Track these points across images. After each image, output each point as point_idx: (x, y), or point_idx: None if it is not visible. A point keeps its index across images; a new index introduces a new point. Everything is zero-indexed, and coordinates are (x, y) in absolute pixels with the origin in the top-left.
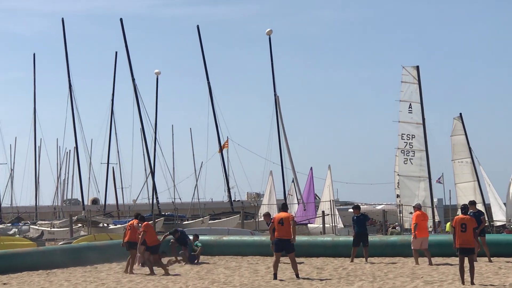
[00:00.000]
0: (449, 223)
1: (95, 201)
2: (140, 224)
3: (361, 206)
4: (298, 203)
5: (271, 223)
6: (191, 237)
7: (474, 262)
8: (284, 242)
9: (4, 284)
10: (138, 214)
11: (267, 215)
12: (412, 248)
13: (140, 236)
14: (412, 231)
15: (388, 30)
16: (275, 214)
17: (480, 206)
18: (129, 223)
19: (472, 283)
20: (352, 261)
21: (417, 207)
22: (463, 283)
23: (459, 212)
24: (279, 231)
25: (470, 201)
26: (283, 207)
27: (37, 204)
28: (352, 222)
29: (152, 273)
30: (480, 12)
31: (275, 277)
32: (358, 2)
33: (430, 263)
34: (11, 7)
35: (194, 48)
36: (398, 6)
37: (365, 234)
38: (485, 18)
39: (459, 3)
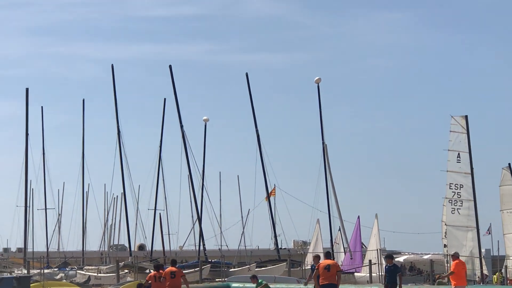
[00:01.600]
0: (497, 273)
1: (141, 247)
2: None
3: (408, 256)
4: (345, 252)
5: (316, 270)
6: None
7: None
8: (330, 287)
9: None
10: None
11: (317, 257)
12: None
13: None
14: (451, 280)
15: (437, 79)
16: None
17: None
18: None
19: None
20: None
21: (456, 256)
22: None
23: (507, 262)
24: (325, 276)
25: None
26: (327, 255)
27: (84, 249)
28: (385, 272)
29: None
30: None
31: None
32: (406, 51)
33: None
34: (62, 53)
35: (242, 95)
36: (446, 55)
37: (395, 284)
38: None
39: (505, 52)
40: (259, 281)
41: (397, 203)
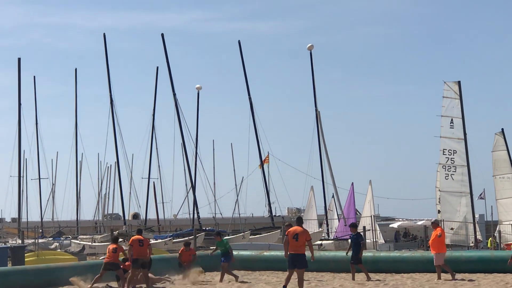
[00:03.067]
0: (490, 238)
1: (136, 216)
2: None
3: (402, 222)
4: (339, 219)
5: (285, 237)
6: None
7: None
8: (298, 257)
9: None
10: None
11: (288, 226)
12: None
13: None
14: (431, 248)
15: (429, 45)
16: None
17: None
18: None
19: None
20: (353, 278)
21: (437, 223)
22: None
23: (500, 227)
24: (293, 245)
25: None
26: (298, 221)
27: (78, 218)
28: (350, 240)
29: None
30: None
31: None
32: (400, 19)
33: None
34: (54, 22)
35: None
36: (438, 22)
37: (357, 252)
38: None
39: (499, 19)
40: (223, 240)
41: (391, 170)
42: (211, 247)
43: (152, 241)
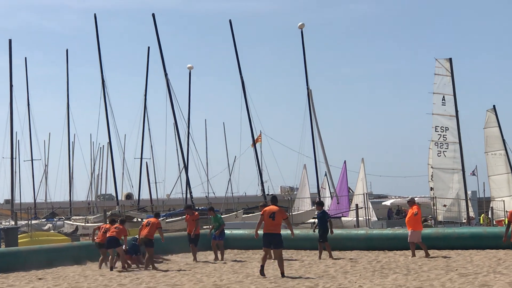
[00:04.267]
0: (483, 215)
1: (129, 196)
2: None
3: (395, 199)
4: (332, 197)
5: (260, 216)
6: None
7: None
8: (274, 237)
9: (40, 279)
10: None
11: (263, 206)
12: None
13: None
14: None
15: (421, 22)
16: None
17: None
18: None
19: None
20: (331, 257)
21: (413, 201)
22: None
23: (492, 204)
24: (268, 225)
25: None
26: (273, 200)
27: (71, 199)
28: (317, 218)
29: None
30: None
31: (261, 269)
32: None
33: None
34: (44, 4)
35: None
36: None
37: (326, 230)
38: None
39: None
40: (218, 216)
41: (384, 147)
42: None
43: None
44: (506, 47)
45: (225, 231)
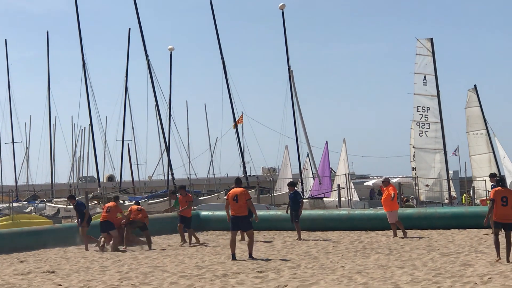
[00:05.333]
0: (465, 194)
1: (110, 178)
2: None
3: (377, 179)
4: (314, 177)
5: (226, 200)
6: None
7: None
8: (240, 220)
9: (21, 261)
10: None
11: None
12: (392, 222)
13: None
14: (384, 206)
15: (402, 2)
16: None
17: None
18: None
19: (508, 260)
20: (299, 238)
21: (388, 181)
22: (498, 256)
23: (474, 183)
24: (233, 208)
25: (491, 174)
26: (237, 182)
27: (53, 181)
28: (289, 199)
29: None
30: None
31: (233, 258)
32: None
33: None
34: None
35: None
36: None
37: (296, 210)
38: None
39: None
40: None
41: (365, 128)
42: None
43: (127, 203)
44: (487, 26)
45: (208, 212)
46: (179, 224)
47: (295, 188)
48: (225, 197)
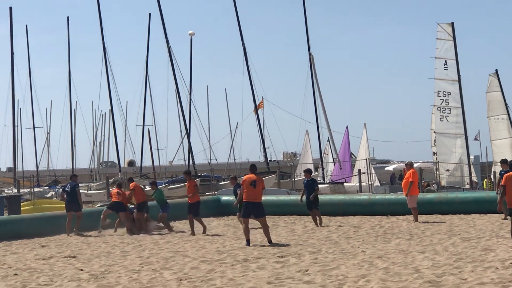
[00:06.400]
0: (486, 179)
1: (131, 163)
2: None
3: (398, 164)
4: (334, 162)
5: (241, 185)
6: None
7: None
8: (255, 206)
9: (43, 246)
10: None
11: (233, 178)
12: (413, 206)
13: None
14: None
15: None
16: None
17: None
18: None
19: None
20: (317, 224)
21: (411, 165)
22: None
23: (495, 168)
24: (250, 193)
25: (502, 160)
26: (253, 168)
27: (74, 167)
28: (304, 186)
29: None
30: None
31: (248, 243)
32: None
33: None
34: None
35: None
36: None
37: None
38: None
39: None
40: (158, 189)
41: (386, 112)
42: (206, 193)
43: (148, 188)
44: (508, 10)
45: (228, 197)
46: (188, 215)
47: (311, 175)
48: (241, 183)
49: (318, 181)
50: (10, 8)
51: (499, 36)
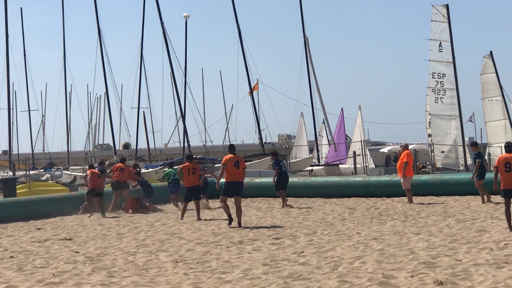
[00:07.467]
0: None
1: (126, 146)
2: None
3: (392, 146)
4: (329, 144)
5: (223, 166)
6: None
7: None
8: (238, 185)
9: (39, 229)
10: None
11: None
12: (407, 188)
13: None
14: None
15: None
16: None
17: None
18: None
19: None
20: (286, 206)
21: (406, 147)
22: (510, 229)
23: (489, 150)
24: (233, 173)
25: (472, 142)
26: (231, 149)
27: (69, 149)
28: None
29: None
30: None
31: (230, 220)
32: None
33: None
34: None
35: None
36: None
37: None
38: None
39: None
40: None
41: (381, 94)
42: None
43: (143, 170)
44: None
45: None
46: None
47: (277, 157)
48: (223, 163)
49: (313, 163)
50: None
51: (493, 18)
